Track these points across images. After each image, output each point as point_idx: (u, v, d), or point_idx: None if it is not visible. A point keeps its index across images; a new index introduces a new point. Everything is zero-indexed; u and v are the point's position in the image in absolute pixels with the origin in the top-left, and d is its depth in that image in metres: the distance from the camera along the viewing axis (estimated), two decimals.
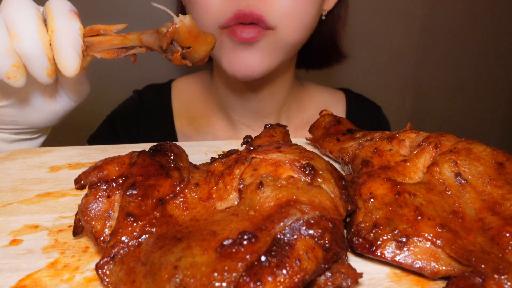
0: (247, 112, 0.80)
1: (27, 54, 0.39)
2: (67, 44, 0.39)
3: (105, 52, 0.43)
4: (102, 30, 0.42)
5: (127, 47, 0.42)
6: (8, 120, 0.51)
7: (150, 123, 0.84)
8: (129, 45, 0.42)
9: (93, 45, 0.42)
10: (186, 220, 0.28)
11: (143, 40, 0.41)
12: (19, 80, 0.41)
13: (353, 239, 0.30)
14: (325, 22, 0.77)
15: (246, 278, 0.22)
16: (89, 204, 0.29)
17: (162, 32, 0.40)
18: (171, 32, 0.39)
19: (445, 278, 0.27)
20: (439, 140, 0.35)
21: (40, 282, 0.28)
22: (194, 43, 0.40)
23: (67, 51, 0.39)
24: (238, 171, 0.30)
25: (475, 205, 0.31)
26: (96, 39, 0.42)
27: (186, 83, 0.88)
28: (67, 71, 0.40)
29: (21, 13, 0.39)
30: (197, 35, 0.40)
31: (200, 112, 0.83)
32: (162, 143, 0.35)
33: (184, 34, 0.39)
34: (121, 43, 0.42)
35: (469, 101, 1.49)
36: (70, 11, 0.41)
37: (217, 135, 0.82)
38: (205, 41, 0.41)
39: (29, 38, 0.39)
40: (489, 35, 1.41)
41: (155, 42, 0.41)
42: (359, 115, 0.88)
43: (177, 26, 0.39)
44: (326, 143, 0.46)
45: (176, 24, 0.39)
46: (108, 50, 0.43)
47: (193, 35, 0.40)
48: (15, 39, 0.39)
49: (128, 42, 0.42)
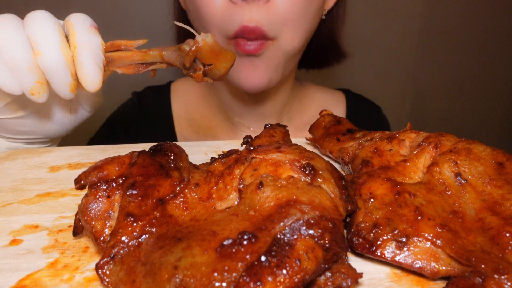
0: (248, 114, 0.80)
1: (50, 70, 0.39)
2: (89, 59, 0.40)
3: (126, 67, 0.43)
4: (123, 46, 0.43)
5: (147, 62, 0.43)
6: (23, 130, 0.51)
7: (150, 125, 0.84)
8: (150, 61, 0.43)
9: (114, 60, 0.42)
10: (186, 220, 0.28)
11: (165, 56, 0.42)
12: (42, 96, 0.41)
13: (353, 239, 0.30)
14: (324, 21, 0.77)
15: (246, 278, 0.22)
16: (89, 204, 0.29)
17: (184, 50, 0.41)
18: (194, 51, 0.40)
19: (445, 278, 0.27)
20: (439, 140, 0.35)
21: (40, 282, 0.28)
22: (216, 60, 0.41)
23: (89, 67, 0.40)
24: (238, 171, 0.30)
25: (475, 205, 0.31)
26: (117, 54, 0.42)
27: (185, 84, 0.88)
28: (89, 86, 0.40)
29: (44, 30, 0.39)
30: (219, 52, 0.41)
31: (200, 114, 0.83)
32: (162, 143, 0.35)
33: (206, 52, 0.40)
34: (142, 59, 0.42)
35: (469, 101, 1.49)
36: (91, 26, 0.42)
37: (217, 137, 0.81)
38: (226, 58, 0.42)
39: (53, 55, 0.39)
40: (489, 35, 1.41)
41: (177, 59, 0.42)
42: (359, 115, 0.88)
43: (200, 45, 0.40)
44: (326, 143, 0.46)
45: (199, 42, 0.40)
46: (129, 65, 0.43)
47: (215, 53, 0.41)
48: (39, 55, 0.39)
49: (149, 58, 0.42)
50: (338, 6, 0.78)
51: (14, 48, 0.38)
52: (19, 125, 0.50)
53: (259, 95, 0.76)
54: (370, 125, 0.82)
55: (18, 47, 0.38)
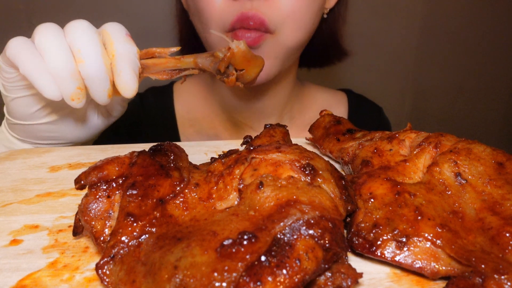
0: (250, 113, 0.80)
1: (91, 77, 0.41)
2: (127, 67, 0.41)
3: (160, 73, 0.45)
4: (156, 53, 0.45)
5: (181, 69, 0.45)
6: (51, 136, 0.52)
7: (153, 126, 0.84)
8: (183, 67, 0.45)
9: (148, 67, 0.44)
10: (186, 220, 0.28)
11: (198, 63, 0.45)
12: (81, 101, 0.43)
13: (353, 239, 0.30)
14: (326, 20, 0.77)
15: (246, 278, 0.22)
16: (89, 204, 0.29)
17: (218, 57, 0.43)
18: (229, 57, 0.43)
19: (445, 278, 0.27)
20: (439, 140, 0.35)
21: (40, 282, 0.28)
22: (247, 66, 0.44)
23: (127, 74, 0.41)
24: (238, 171, 0.30)
25: (475, 205, 0.31)
26: (151, 61, 0.44)
27: (187, 85, 0.88)
28: (126, 93, 0.42)
29: (86, 39, 0.41)
30: (250, 58, 0.44)
31: (202, 114, 0.83)
32: (162, 143, 0.35)
33: (240, 58, 0.43)
34: (176, 65, 0.44)
35: (469, 101, 1.49)
36: (127, 35, 0.43)
37: (219, 136, 0.82)
38: (256, 63, 0.45)
39: (94, 63, 0.41)
40: (489, 35, 1.41)
41: (210, 65, 0.44)
42: (360, 115, 0.88)
43: (235, 51, 0.43)
44: (326, 143, 0.46)
45: (233, 49, 0.43)
46: (163, 72, 0.45)
47: (247, 59, 0.44)
48: (82, 63, 0.41)
49: (183, 65, 0.45)
50: (340, 5, 0.78)
51: (58, 56, 0.40)
52: (47, 131, 0.51)
53: (259, 91, 0.76)
54: (371, 125, 0.82)
55: (62, 55, 0.40)
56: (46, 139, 0.52)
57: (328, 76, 0.98)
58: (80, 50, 0.40)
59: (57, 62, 0.40)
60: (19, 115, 0.49)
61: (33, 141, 0.53)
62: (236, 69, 0.44)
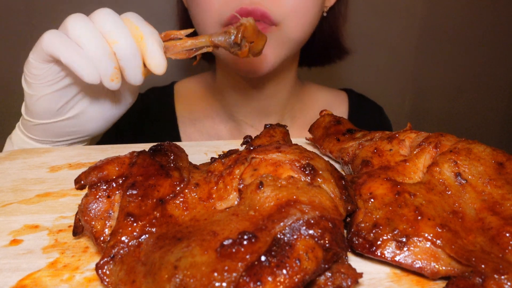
0: (251, 112, 0.80)
1: (126, 56, 0.44)
2: (156, 45, 0.44)
3: (179, 54, 0.48)
4: (174, 35, 0.48)
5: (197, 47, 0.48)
6: (68, 131, 0.53)
7: (154, 126, 0.84)
8: (199, 46, 0.48)
9: (169, 48, 0.47)
10: (186, 220, 0.28)
11: (213, 40, 0.48)
12: (118, 82, 0.45)
13: (353, 239, 0.30)
14: (326, 19, 0.77)
15: (246, 278, 0.22)
16: (89, 204, 0.29)
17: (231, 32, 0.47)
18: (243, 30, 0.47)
19: (445, 278, 0.27)
20: (439, 140, 0.35)
21: (40, 282, 0.28)
22: (256, 39, 0.48)
23: (157, 51, 0.44)
24: (238, 171, 0.30)
25: (475, 205, 0.31)
26: (170, 43, 0.47)
27: (188, 85, 0.88)
28: (158, 70, 0.45)
29: (115, 22, 0.43)
30: (258, 32, 0.48)
31: (204, 114, 0.84)
32: (162, 143, 0.35)
33: (251, 31, 0.47)
34: (192, 44, 0.48)
35: (469, 101, 1.49)
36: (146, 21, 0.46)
37: (220, 135, 0.82)
38: (262, 38, 0.49)
39: (128, 42, 0.43)
40: (489, 35, 1.40)
41: (225, 41, 0.48)
42: (361, 115, 0.88)
43: (246, 25, 0.47)
44: (326, 143, 0.46)
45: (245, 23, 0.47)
46: (181, 52, 0.48)
47: (256, 32, 0.48)
48: (116, 44, 0.43)
49: (199, 44, 0.48)
50: (340, 4, 0.78)
51: (94, 40, 0.43)
52: (69, 126, 0.52)
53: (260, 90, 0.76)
54: (372, 125, 0.83)
55: (97, 39, 0.43)
56: (66, 135, 0.53)
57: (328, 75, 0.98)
58: (111, 32, 0.43)
59: (94, 45, 0.42)
60: (43, 114, 0.50)
61: (53, 139, 0.54)
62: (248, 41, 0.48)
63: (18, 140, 0.55)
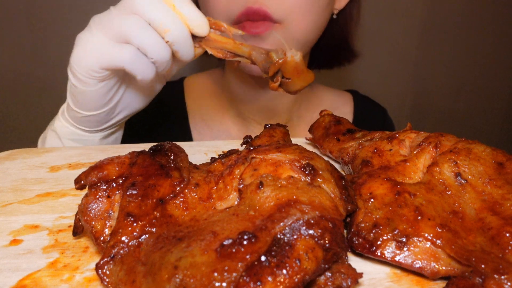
0: (259, 109, 0.81)
1: (179, 40, 0.44)
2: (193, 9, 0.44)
3: (217, 50, 0.47)
4: (223, 28, 0.47)
5: (235, 53, 0.47)
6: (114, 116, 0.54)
7: (165, 120, 0.85)
8: (238, 53, 0.46)
9: (210, 40, 0.46)
10: (186, 220, 0.28)
11: (252, 55, 0.46)
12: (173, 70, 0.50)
13: (353, 239, 0.30)
14: (336, 21, 0.78)
15: (246, 278, 0.22)
16: (89, 204, 0.29)
17: (272, 58, 0.44)
18: (280, 63, 0.44)
19: (445, 278, 0.27)
20: (439, 140, 0.35)
21: (40, 282, 0.28)
22: (295, 77, 0.45)
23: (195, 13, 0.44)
24: (238, 171, 0.30)
25: (475, 205, 0.31)
26: (214, 36, 0.46)
27: (198, 80, 0.89)
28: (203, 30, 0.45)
29: (163, 11, 0.43)
30: (301, 71, 0.45)
31: (213, 109, 0.84)
32: (161, 143, 0.35)
33: (290, 68, 0.44)
34: (233, 48, 0.46)
35: (469, 101, 1.49)
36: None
37: (229, 131, 0.83)
38: (305, 78, 0.46)
39: (179, 27, 0.44)
40: (489, 35, 1.40)
41: (262, 63, 0.46)
42: (365, 116, 0.89)
43: (287, 60, 0.44)
44: (326, 143, 0.46)
45: (287, 57, 0.44)
46: (220, 50, 0.47)
47: (297, 71, 0.45)
48: (168, 32, 0.43)
49: (239, 51, 0.46)
50: (352, 6, 0.78)
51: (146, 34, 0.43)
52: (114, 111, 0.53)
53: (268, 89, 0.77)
54: (376, 126, 0.83)
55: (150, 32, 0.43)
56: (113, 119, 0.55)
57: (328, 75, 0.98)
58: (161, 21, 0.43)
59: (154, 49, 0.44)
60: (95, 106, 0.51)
61: (103, 126, 0.55)
62: (284, 76, 0.45)
63: (67, 132, 0.55)
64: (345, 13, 0.78)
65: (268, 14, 0.61)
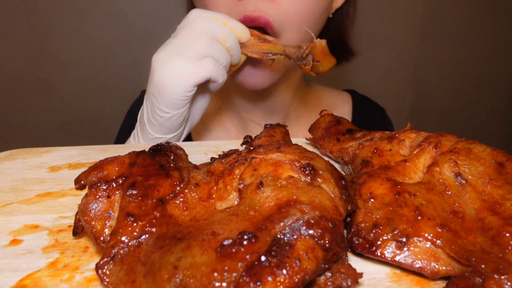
0: (257, 111, 0.81)
1: (234, 46, 0.56)
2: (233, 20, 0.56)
3: (255, 53, 0.58)
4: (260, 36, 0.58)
5: (272, 53, 0.57)
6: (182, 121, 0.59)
7: None
8: (273, 52, 0.56)
9: (247, 46, 0.57)
10: (186, 220, 0.28)
11: (286, 50, 0.56)
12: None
13: (353, 239, 0.30)
14: (333, 20, 0.77)
15: (246, 278, 0.22)
16: (89, 204, 0.29)
17: (302, 47, 0.55)
18: (311, 47, 0.54)
19: (445, 278, 0.27)
20: (439, 140, 0.35)
21: (40, 282, 0.28)
22: (323, 59, 0.55)
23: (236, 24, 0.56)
24: (238, 171, 0.30)
25: (475, 205, 0.31)
26: (253, 42, 0.57)
27: None
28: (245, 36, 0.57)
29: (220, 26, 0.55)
30: (327, 54, 0.55)
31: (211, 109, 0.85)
32: (161, 143, 0.35)
33: (319, 50, 0.54)
34: (269, 49, 0.56)
35: (469, 101, 1.49)
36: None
37: (228, 132, 0.83)
38: (330, 60, 0.56)
39: (232, 36, 0.56)
40: (489, 35, 1.41)
41: (295, 53, 0.55)
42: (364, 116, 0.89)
43: (316, 44, 0.54)
44: (326, 143, 0.46)
45: (315, 42, 0.54)
46: (257, 52, 0.57)
47: (324, 54, 0.55)
48: (227, 40, 0.55)
49: (274, 50, 0.56)
50: (348, 5, 0.78)
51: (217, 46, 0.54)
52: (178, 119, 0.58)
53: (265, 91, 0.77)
54: (375, 126, 0.83)
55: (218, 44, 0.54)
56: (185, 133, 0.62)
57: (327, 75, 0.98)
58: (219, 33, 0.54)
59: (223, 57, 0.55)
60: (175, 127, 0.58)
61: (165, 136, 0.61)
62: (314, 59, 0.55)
63: None
64: (341, 12, 0.78)
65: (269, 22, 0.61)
